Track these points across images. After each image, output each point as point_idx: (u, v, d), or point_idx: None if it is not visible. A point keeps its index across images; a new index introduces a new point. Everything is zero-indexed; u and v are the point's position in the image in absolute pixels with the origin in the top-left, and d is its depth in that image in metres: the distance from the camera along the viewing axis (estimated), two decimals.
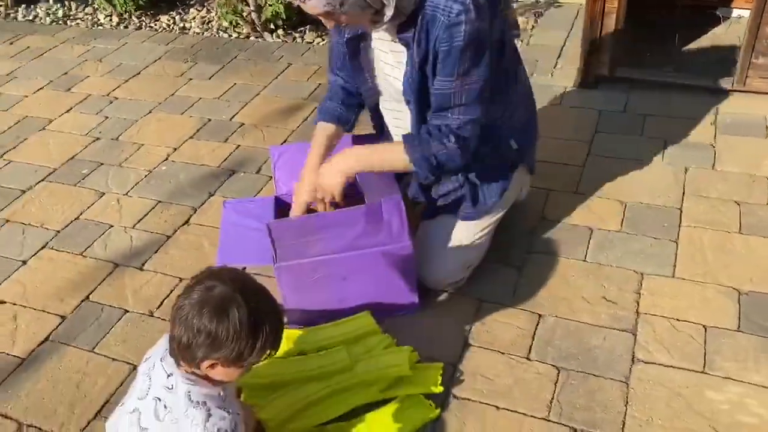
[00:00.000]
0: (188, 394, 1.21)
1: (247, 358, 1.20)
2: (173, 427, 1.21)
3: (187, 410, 1.20)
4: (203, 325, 1.15)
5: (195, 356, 1.18)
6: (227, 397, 1.25)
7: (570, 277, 1.91)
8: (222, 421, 1.20)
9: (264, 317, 1.20)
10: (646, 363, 1.65)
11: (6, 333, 1.92)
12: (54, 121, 2.98)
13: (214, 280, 1.19)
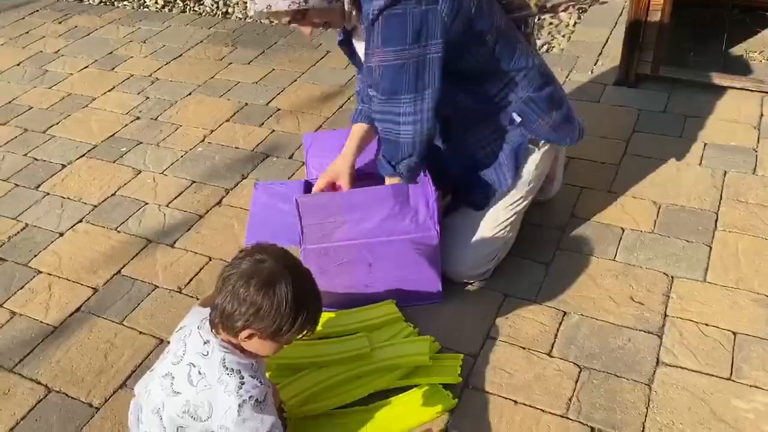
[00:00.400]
0: (223, 361, 1.25)
1: (285, 334, 1.24)
2: (206, 392, 1.24)
3: (221, 376, 1.24)
4: (249, 295, 1.20)
5: (235, 325, 1.23)
6: (259, 369, 1.29)
7: (598, 276, 1.88)
8: (254, 390, 1.23)
9: (307, 297, 1.25)
10: (670, 366, 1.62)
11: (40, 302, 1.98)
12: (97, 99, 3.05)
13: (265, 254, 1.24)
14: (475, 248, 1.83)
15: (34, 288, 2.03)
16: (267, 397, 1.25)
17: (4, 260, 2.15)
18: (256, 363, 1.29)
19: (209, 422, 1.24)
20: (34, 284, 2.04)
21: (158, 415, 1.29)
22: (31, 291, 2.02)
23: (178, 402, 1.27)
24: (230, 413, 1.21)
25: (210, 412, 1.24)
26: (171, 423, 1.28)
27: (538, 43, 3.15)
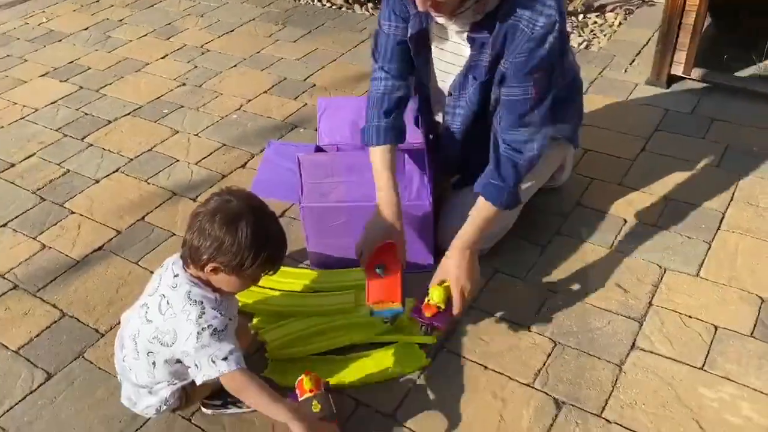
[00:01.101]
0: (188, 293, 1.35)
1: (247, 270, 1.33)
2: (172, 320, 1.35)
3: (185, 306, 1.34)
4: (214, 230, 1.30)
5: (201, 258, 1.33)
6: (223, 302, 1.38)
7: (591, 261, 1.91)
8: (214, 320, 1.33)
9: (269, 236, 1.34)
10: (644, 351, 1.64)
11: (69, 238, 2.15)
12: (149, 65, 3.24)
13: (232, 195, 1.34)
14: None
15: (65, 226, 2.21)
16: (228, 327, 1.35)
17: (44, 200, 2.34)
18: (221, 297, 1.38)
19: (174, 347, 1.35)
20: (65, 223, 2.22)
21: (134, 341, 1.42)
22: (62, 228, 2.20)
23: (149, 329, 1.38)
24: (190, 340, 1.31)
25: (174, 339, 1.34)
26: (143, 348, 1.40)
27: (578, 40, 3.16)
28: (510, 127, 1.62)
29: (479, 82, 1.67)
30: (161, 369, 1.40)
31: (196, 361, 1.32)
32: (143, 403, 1.46)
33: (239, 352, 1.35)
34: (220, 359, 1.31)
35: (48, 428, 1.56)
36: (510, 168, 1.62)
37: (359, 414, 1.54)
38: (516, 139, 1.62)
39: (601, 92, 2.72)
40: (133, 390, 1.46)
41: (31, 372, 1.70)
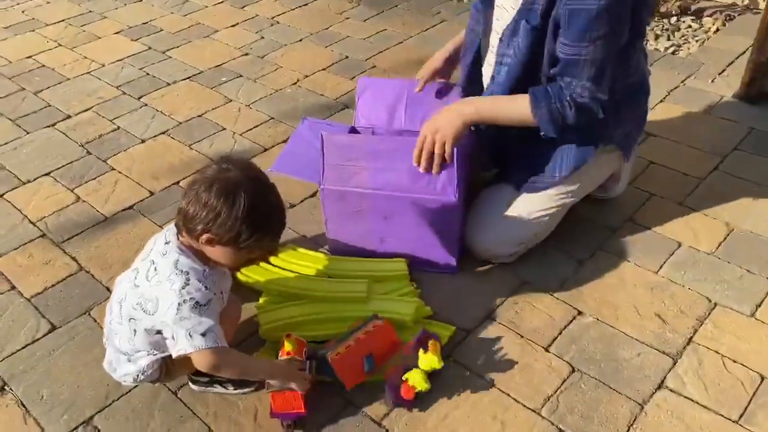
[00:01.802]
0: (176, 262, 1.29)
1: (243, 243, 1.27)
2: (156, 288, 1.30)
3: (170, 275, 1.28)
4: (210, 199, 1.24)
5: (196, 228, 1.27)
6: (211, 275, 1.32)
7: (631, 285, 1.73)
8: (197, 293, 1.27)
9: (267, 209, 1.28)
10: (673, 392, 1.46)
11: (104, 194, 2.16)
12: (218, 32, 3.24)
13: (231, 164, 1.27)
14: (505, 226, 1.74)
15: (102, 181, 2.22)
16: (211, 303, 1.28)
17: (90, 153, 2.36)
18: (209, 270, 1.31)
19: (155, 316, 1.30)
20: (103, 178, 2.23)
21: (120, 305, 1.37)
22: (99, 183, 2.21)
23: (135, 295, 1.33)
24: (171, 310, 1.25)
25: (156, 307, 1.29)
26: (127, 314, 1.35)
27: (666, 44, 2.91)
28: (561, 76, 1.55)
29: (531, 26, 1.55)
30: (141, 337, 1.35)
31: (174, 333, 1.27)
32: (122, 370, 1.42)
33: (219, 329, 1.28)
34: (198, 334, 1.25)
35: (39, 380, 1.56)
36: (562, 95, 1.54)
37: (346, 414, 1.45)
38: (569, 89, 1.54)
39: (680, 102, 2.48)
40: (114, 355, 1.43)
41: (37, 321, 1.71)
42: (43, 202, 2.13)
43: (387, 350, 1.49)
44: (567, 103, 1.53)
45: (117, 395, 1.51)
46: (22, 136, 2.48)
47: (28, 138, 2.47)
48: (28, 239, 1.98)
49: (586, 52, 1.48)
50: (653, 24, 3.08)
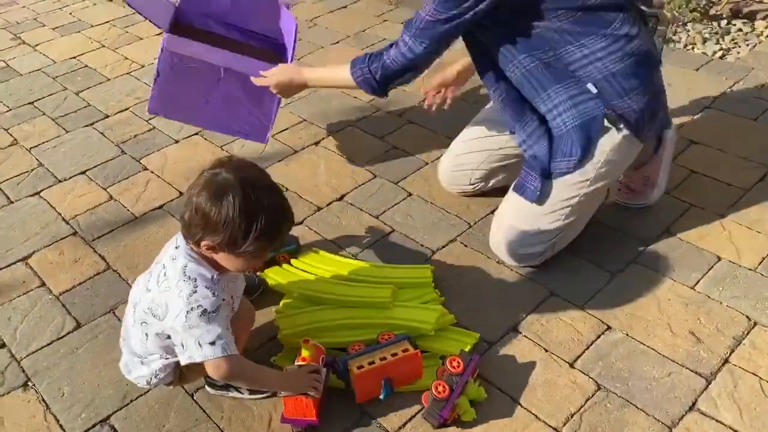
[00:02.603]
0: (184, 268, 1.28)
1: (242, 246, 1.23)
2: (165, 294, 1.29)
3: (179, 282, 1.27)
4: (200, 204, 1.21)
5: (195, 235, 1.24)
6: (220, 282, 1.30)
7: (665, 300, 1.65)
8: (205, 300, 1.25)
9: (261, 209, 1.21)
10: (704, 416, 1.38)
11: (135, 193, 2.19)
12: None
13: (222, 168, 1.24)
14: (528, 221, 1.69)
15: (134, 181, 2.25)
16: (219, 310, 1.26)
17: (124, 153, 2.40)
18: (218, 276, 1.29)
19: (164, 322, 1.28)
20: (136, 178, 2.26)
21: (134, 308, 1.37)
22: (132, 183, 2.24)
23: (147, 299, 1.32)
24: (179, 318, 1.24)
25: (165, 313, 1.27)
26: (139, 317, 1.34)
27: (714, 48, 2.80)
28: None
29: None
30: (153, 341, 1.34)
31: (183, 340, 1.25)
32: (136, 372, 1.42)
33: (229, 337, 1.27)
34: (207, 343, 1.24)
35: (61, 377, 1.57)
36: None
37: (361, 424, 1.42)
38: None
39: (726, 108, 2.38)
40: (129, 357, 1.43)
41: (63, 319, 1.73)
42: (76, 201, 2.17)
43: (407, 379, 1.45)
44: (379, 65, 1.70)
45: (135, 395, 1.51)
46: (61, 135, 2.53)
47: (67, 137, 2.52)
48: (60, 237, 2.01)
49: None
50: (701, 27, 2.96)
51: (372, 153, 2.30)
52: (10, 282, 1.86)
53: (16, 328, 1.72)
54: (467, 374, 1.41)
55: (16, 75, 3.03)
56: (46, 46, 3.28)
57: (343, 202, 2.08)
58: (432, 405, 1.37)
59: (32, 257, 1.95)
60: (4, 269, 1.91)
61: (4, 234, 2.04)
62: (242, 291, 1.44)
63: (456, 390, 1.38)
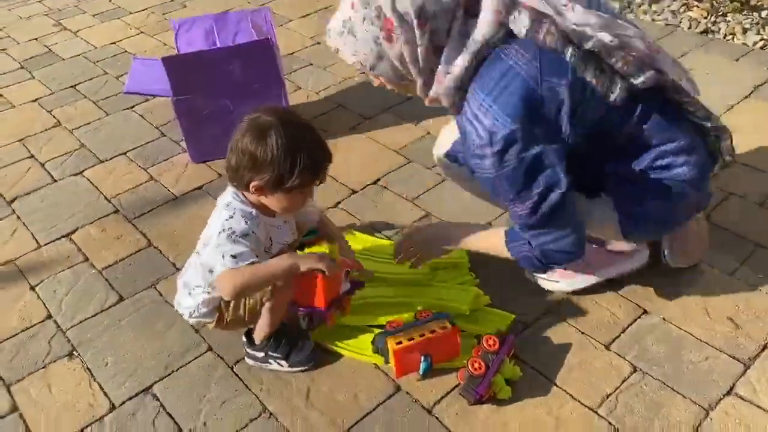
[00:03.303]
0: (228, 203, 1.39)
1: (289, 181, 1.31)
2: (212, 223, 1.41)
3: (221, 212, 1.39)
4: (245, 146, 1.30)
5: (243, 177, 1.33)
6: (257, 219, 1.39)
7: (704, 286, 1.64)
8: (237, 225, 1.35)
9: (302, 145, 1.31)
10: (743, 400, 1.38)
11: (174, 174, 2.23)
12: (291, 22, 3.29)
13: (260, 111, 1.34)
14: None
15: (174, 162, 2.29)
16: (248, 238, 1.34)
17: (164, 135, 2.45)
18: (257, 213, 1.38)
19: (207, 248, 1.38)
20: (175, 159, 2.31)
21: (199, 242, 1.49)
22: (171, 164, 2.29)
23: (205, 231, 1.44)
24: (213, 238, 1.36)
25: (209, 240, 1.37)
26: (196, 248, 1.49)
27: (755, 38, 2.75)
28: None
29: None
30: (198, 270, 1.44)
31: (212, 259, 1.34)
32: (183, 303, 1.50)
33: (252, 257, 1.33)
34: (230, 255, 1.32)
35: (104, 348, 1.62)
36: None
37: (396, 399, 1.44)
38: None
39: (767, 98, 2.34)
40: (182, 289, 1.51)
41: (106, 292, 1.78)
42: (118, 181, 2.22)
43: (444, 356, 1.47)
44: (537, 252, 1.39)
45: (176, 366, 1.55)
46: (102, 117, 2.59)
47: (107, 119, 2.58)
48: (102, 214, 2.07)
49: (515, 208, 1.34)
50: (741, 18, 2.92)
51: (407, 138, 2.31)
52: (55, 257, 1.92)
53: (62, 301, 1.77)
54: (503, 352, 1.43)
55: (59, 60, 3.10)
56: (86, 33, 3.35)
57: (377, 186, 2.10)
58: (468, 381, 1.39)
59: (76, 233, 2.00)
60: (49, 244, 1.97)
61: (49, 211, 2.10)
62: (290, 240, 1.51)
63: (492, 367, 1.40)
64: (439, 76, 1.28)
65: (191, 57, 2.12)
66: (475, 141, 1.26)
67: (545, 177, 1.27)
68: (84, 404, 1.49)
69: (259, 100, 2.15)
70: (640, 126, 1.32)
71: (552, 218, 1.32)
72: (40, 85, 2.88)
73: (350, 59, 1.31)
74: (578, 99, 1.25)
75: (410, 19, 1.22)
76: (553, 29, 1.24)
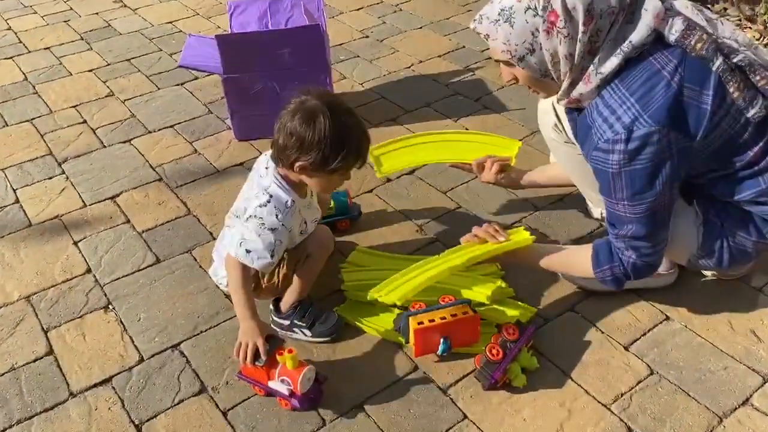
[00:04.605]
0: (267, 187, 1.44)
1: (333, 163, 1.37)
2: (247, 201, 1.48)
3: (258, 193, 1.44)
4: (294, 128, 1.36)
5: (289, 157, 1.39)
6: (292, 208, 1.44)
7: (727, 298, 1.64)
8: (268, 217, 1.41)
9: (348, 130, 1.39)
10: (758, 411, 1.38)
11: (218, 149, 2.31)
12: (342, 14, 3.35)
13: (308, 95, 1.40)
14: None
15: (219, 138, 2.37)
16: (276, 232, 1.41)
17: (211, 113, 2.54)
18: (293, 202, 1.43)
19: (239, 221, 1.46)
20: (221, 136, 2.39)
21: (231, 212, 1.57)
22: (216, 140, 2.36)
23: (237, 203, 1.52)
24: (243, 217, 1.44)
25: (243, 213, 1.45)
26: (228, 220, 1.56)
27: None
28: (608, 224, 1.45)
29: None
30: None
31: (234, 230, 1.43)
32: (220, 272, 1.58)
33: (264, 256, 1.40)
34: (245, 248, 1.40)
35: (139, 304, 1.69)
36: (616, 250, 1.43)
37: (413, 378, 1.48)
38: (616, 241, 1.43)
39: None
40: (218, 260, 1.59)
41: (144, 253, 1.85)
42: (164, 151, 2.30)
43: (464, 341, 1.50)
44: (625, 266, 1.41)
45: (205, 327, 1.62)
46: (153, 91, 2.69)
47: (158, 93, 2.68)
48: (146, 181, 2.15)
49: (619, 208, 1.35)
50: None
51: None
52: (99, 216, 2.01)
53: (101, 257, 1.85)
54: (522, 341, 1.45)
55: (116, 34, 3.22)
56: (145, 11, 3.46)
57: (413, 176, 2.14)
58: (484, 366, 1.42)
59: (120, 197, 2.09)
60: (94, 204, 2.06)
61: (97, 174, 2.19)
62: (318, 216, 1.59)
63: (509, 355, 1.42)
64: (590, 76, 1.30)
65: (244, 37, 2.19)
66: (605, 134, 1.27)
67: (663, 185, 1.29)
68: (115, 354, 1.56)
69: (305, 85, 2.20)
70: (763, 154, 1.32)
71: (653, 225, 1.35)
72: (97, 56, 3.00)
73: (500, 47, 1.30)
74: (718, 109, 1.27)
75: (577, 14, 1.23)
76: (705, 37, 1.26)
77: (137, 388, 1.48)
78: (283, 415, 1.40)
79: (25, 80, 2.83)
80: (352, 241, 1.86)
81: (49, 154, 2.33)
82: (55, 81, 2.81)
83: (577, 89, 1.33)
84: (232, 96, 2.24)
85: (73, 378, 1.51)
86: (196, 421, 1.41)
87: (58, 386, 1.49)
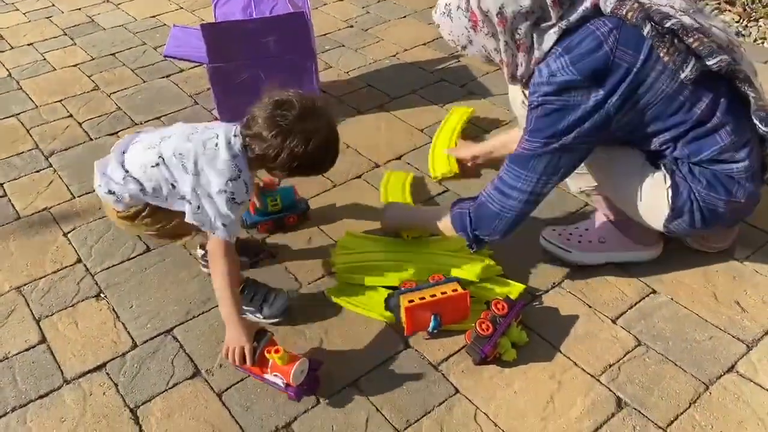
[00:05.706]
0: (235, 157, 1.41)
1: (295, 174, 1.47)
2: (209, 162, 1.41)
3: (227, 162, 1.41)
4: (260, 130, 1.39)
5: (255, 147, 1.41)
6: (251, 182, 1.46)
7: (713, 271, 1.67)
8: (239, 190, 1.41)
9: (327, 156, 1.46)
10: (743, 377, 1.41)
11: None
12: (327, 5, 3.36)
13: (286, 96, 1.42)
14: None
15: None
16: (243, 204, 1.44)
17: (197, 104, 2.54)
18: (251, 178, 1.45)
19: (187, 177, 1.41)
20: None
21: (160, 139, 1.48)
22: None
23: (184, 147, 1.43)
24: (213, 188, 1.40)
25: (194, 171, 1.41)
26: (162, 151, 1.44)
27: None
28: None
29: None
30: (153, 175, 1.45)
31: (202, 204, 1.41)
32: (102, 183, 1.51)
33: (236, 227, 1.43)
34: (221, 223, 1.41)
35: (130, 292, 1.70)
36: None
37: (405, 354, 1.49)
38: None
39: None
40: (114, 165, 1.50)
41: (134, 243, 1.86)
42: None
43: (455, 317, 1.52)
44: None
45: (197, 312, 1.63)
46: (139, 84, 2.69)
47: (144, 86, 2.67)
48: None
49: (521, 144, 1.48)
50: None
51: (432, 119, 2.36)
52: (87, 207, 2.01)
53: (92, 247, 1.85)
54: (511, 316, 1.47)
55: (100, 29, 3.21)
56: (128, 5, 3.45)
57: (400, 162, 2.16)
58: (475, 341, 1.44)
59: None
60: (82, 196, 2.06)
61: (84, 166, 2.19)
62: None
63: (499, 329, 1.44)
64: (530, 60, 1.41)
65: (228, 26, 2.20)
66: (535, 79, 1.39)
67: (563, 140, 1.39)
68: (108, 341, 1.57)
69: (291, 72, 2.23)
70: (711, 112, 1.38)
71: (532, 170, 1.44)
72: (82, 51, 2.99)
73: (447, 36, 1.48)
74: (649, 74, 1.34)
75: (491, 16, 1.37)
76: (636, 6, 1.33)
77: (131, 373, 1.49)
78: (277, 394, 1.42)
79: (9, 76, 2.82)
80: (343, 228, 1.87)
81: (35, 148, 2.32)
82: (40, 76, 2.80)
83: (519, 73, 1.45)
84: (217, 85, 2.25)
85: (66, 365, 1.52)
86: (191, 403, 1.42)
87: (52, 374, 1.50)
